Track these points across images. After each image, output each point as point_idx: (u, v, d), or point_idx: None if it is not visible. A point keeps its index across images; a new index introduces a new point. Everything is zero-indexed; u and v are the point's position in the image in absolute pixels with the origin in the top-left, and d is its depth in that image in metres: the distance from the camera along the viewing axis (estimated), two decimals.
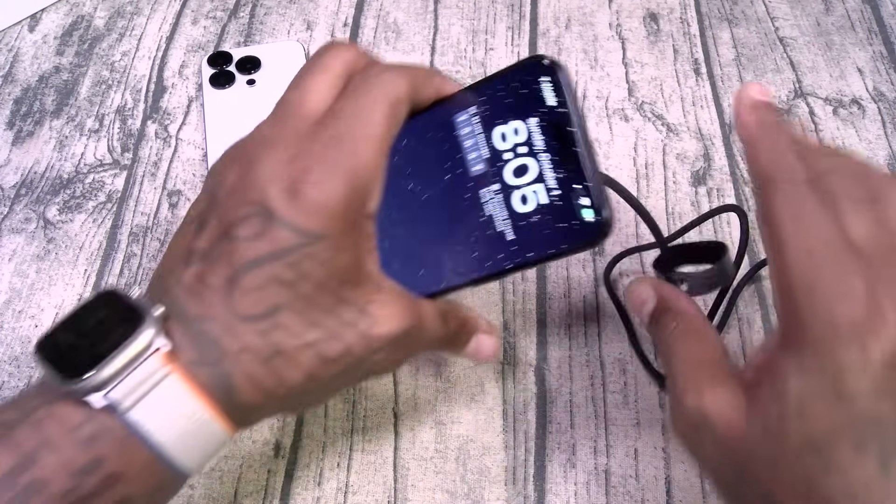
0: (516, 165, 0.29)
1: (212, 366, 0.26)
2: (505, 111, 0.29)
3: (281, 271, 0.26)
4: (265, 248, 0.26)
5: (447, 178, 0.30)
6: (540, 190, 0.29)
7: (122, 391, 0.24)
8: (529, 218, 0.29)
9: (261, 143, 0.28)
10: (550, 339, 0.41)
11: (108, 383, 0.24)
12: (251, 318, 0.26)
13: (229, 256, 0.26)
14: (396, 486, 0.36)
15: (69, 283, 0.43)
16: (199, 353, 0.26)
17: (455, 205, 0.30)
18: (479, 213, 0.30)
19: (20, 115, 0.51)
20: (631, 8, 0.56)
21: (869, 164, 0.26)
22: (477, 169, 0.30)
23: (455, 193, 0.30)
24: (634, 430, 0.38)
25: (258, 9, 0.56)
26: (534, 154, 0.29)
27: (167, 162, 0.48)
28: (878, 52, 0.53)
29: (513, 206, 0.29)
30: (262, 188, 0.26)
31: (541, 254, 0.29)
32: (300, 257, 0.26)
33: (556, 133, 0.28)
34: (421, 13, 0.56)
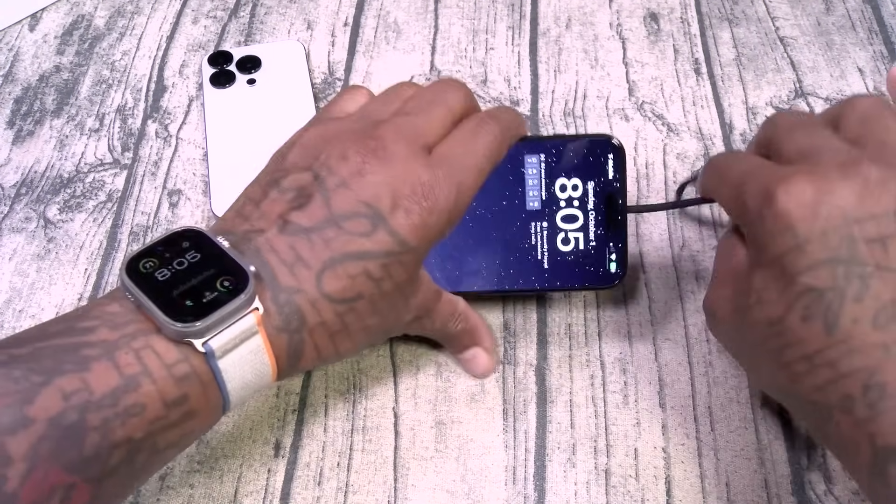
0: (567, 213, 0.38)
1: (291, 333, 0.29)
2: (571, 168, 0.37)
3: (373, 269, 0.30)
4: (367, 246, 0.30)
5: (505, 203, 0.38)
6: (581, 237, 0.38)
7: (220, 342, 0.27)
8: (566, 256, 0.38)
9: (382, 153, 0.31)
10: (550, 339, 0.41)
11: (208, 331, 0.27)
12: (337, 300, 0.30)
13: (332, 242, 0.30)
14: (396, 486, 0.36)
15: (69, 283, 0.43)
16: (283, 321, 0.29)
17: (506, 227, 0.38)
18: (526, 239, 0.38)
19: (20, 114, 0.51)
20: (631, 8, 0.56)
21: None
22: (533, 205, 0.38)
23: (508, 218, 0.38)
24: (634, 430, 0.38)
25: (258, 8, 0.56)
26: (584, 209, 0.37)
27: (167, 161, 0.48)
28: (878, 52, 0.53)
29: (556, 243, 0.38)
30: (378, 195, 0.30)
31: (565, 285, 0.38)
32: (393, 261, 0.31)
33: (607, 199, 0.37)
34: (421, 13, 0.56)
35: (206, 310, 0.27)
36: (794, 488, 0.36)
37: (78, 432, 0.24)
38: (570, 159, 0.37)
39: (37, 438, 0.24)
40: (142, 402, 0.26)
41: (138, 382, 0.26)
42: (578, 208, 0.37)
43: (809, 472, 0.36)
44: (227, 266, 0.28)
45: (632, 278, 0.43)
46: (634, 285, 0.42)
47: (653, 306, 0.42)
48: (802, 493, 0.36)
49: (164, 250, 0.29)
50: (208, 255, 0.28)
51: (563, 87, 0.51)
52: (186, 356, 0.27)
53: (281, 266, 0.29)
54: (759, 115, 0.50)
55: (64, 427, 0.24)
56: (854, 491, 0.36)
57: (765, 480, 0.36)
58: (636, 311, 0.41)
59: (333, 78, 0.52)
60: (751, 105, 0.50)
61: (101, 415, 0.25)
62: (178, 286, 0.27)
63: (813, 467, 0.36)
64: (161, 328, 0.27)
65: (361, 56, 0.53)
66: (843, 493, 0.36)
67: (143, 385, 0.26)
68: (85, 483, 0.25)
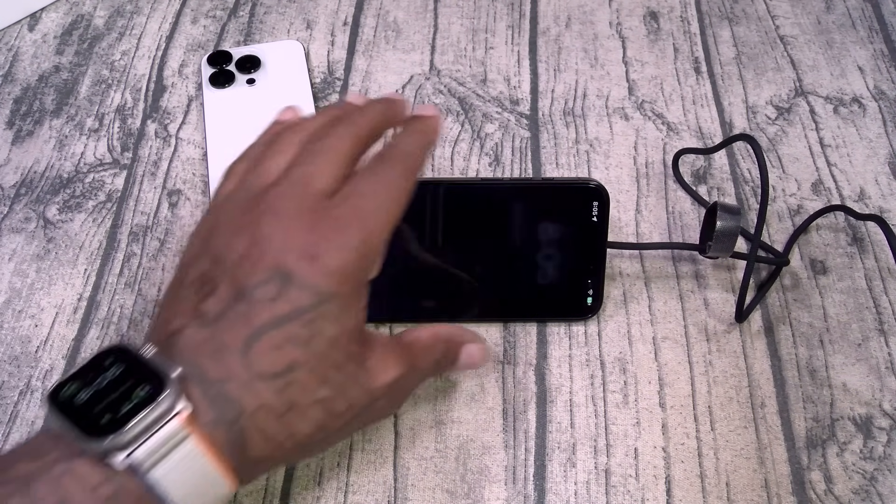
0: (549, 252, 0.39)
1: (229, 424, 0.27)
2: (556, 212, 0.39)
3: (298, 330, 0.28)
4: (283, 309, 0.28)
5: (488, 241, 0.39)
6: (561, 274, 0.40)
7: (144, 452, 0.25)
8: (545, 289, 0.40)
9: (273, 215, 0.30)
10: (550, 339, 0.41)
11: (130, 444, 0.25)
12: (270, 377, 0.28)
13: (247, 318, 0.28)
14: (396, 486, 0.36)
15: (69, 283, 0.43)
16: (218, 414, 0.27)
17: (487, 262, 0.39)
18: (506, 275, 0.40)
19: (20, 114, 0.51)
20: (631, 6, 0.56)
21: None
22: (515, 244, 0.39)
23: (490, 254, 0.39)
24: (634, 430, 0.38)
25: (258, 8, 0.56)
26: (563, 249, 0.39)
27: (167, 161, 0.48)
28: (878, 51, 0.53)
29: (536, 277, 0.40)
30: (280, 254, 0.29)
31: (544, 316, 0.41)
32: (315, 316, 0.28)
33: (588, 242, 0.39)
34: (421, 12, 0.56)
35: (122, 422, 0.25)
36: (794, 488, 0.36)
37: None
38: (555, 203, 0.39)
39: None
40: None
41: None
42: (558, 249, 0.39)
43: (809, 472, 0.36)
44: (146, 375, 0.26)
45: (632, 278, 0.43)
46: (634, 284, 0.42)
47: (653, 306, 0.42)
48: (802, 493, 0.36)
49: (87, 372, 0.27)
50: (130, 368, 0.27)
51: (562, 86, 0.51)
52: (111, 476, 0.25)
53: (206, 360, 0.27)
54: (759, 113, 0.50)
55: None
56: (854, 490, 0.36)
57: (765, 480, 0.36)
58: (636, 311, 0.41)
59: (333, 77, 0.52)
60: (751, 104, 0.50)
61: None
62: (98, 404, 0.26)
63: (813, 467, 0.36)
64: (82, 450, 0.25)
65: (361, 55, 0.53)
66: (844, 492, 0.36)
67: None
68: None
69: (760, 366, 0.40)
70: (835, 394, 0.39)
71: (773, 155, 0.48)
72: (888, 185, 0.46)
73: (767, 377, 0.39)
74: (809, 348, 0.40)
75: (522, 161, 0.47)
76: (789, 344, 0.40)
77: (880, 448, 0.37)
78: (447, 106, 0.50)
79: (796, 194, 0.46)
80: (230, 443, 0.27)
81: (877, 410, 0.38)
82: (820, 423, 0.38)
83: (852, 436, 0.37)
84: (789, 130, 0.49)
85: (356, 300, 0.30)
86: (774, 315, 0.41)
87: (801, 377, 0.39)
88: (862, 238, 0.44)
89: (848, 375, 0.39)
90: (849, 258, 0.43)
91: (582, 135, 0.49)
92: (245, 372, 0.27)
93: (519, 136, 0.49)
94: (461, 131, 0.49)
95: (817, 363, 0.40)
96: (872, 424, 0.38)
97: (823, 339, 0.41)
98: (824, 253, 0.44)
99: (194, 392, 0.27)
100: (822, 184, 0.46)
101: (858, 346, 0.40)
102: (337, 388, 0.29)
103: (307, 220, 0.29)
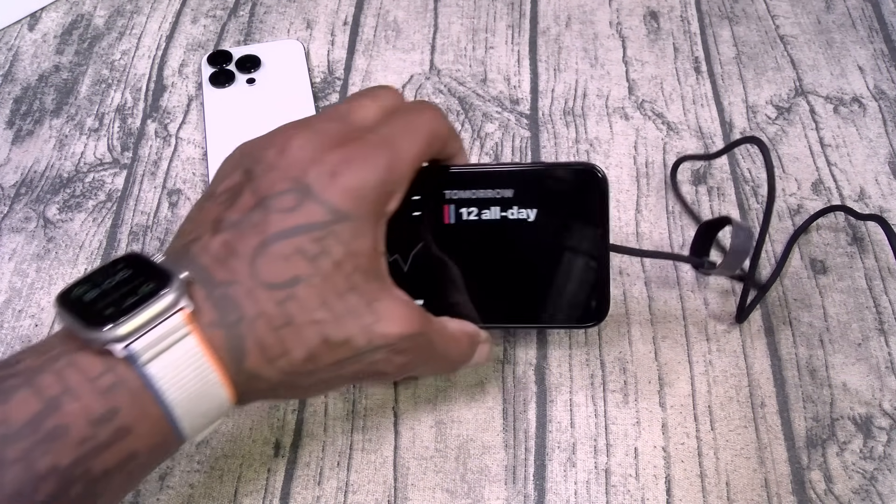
0: (552, 249, 0.34)
1: (228, 328, 0.27)
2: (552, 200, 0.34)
3: (307, 245, 0.28)
4: (297, 221, 0.28)
5: (490, 238, 0.35)
6: (564, 275, 0.35)
7: (143, 344, 0.25)
8: (549, 293, 0.35)
9: (308, 132, 0.30)
10: (550, 339, 0.41)
11: (129, 336, 0.25)
12: (272, 286, 0.28)
13: (261, 226, 0.28)
14: (396, 486, 0.36)
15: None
16: (219, 315, 0.27)
17: (488, 261, 0.35)
18: (508, 275, 0.35)
19: (20, 114, 0.51)
20: (631, 6, 0.56)
21: None
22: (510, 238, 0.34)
23: (492, 253, 0.35)
24: (634, 430, 0.38)
25: (258, 7, 0.56)
26: (567, 247, 0.35)
27: (167, 161, 0.48)
28: (878, 50, 0.53)
29: (537, 279, 0.35)
30: (304, 168, 0.29)
31: (548, 322, 0.35)
32: (326, 234, 0.28)
33: (591, 237, 0.34)
34: (421, 12, 0.56)
35: (124, 312, 0.25)
36: (794, 488, 0.36)
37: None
38: (550, 190, 0.35)
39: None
40: (64, 424, 0.24)
41: (59, 403, 0.24)
42: (563, 248, 0.35)
43: (809, 471, 0.36)
44: (152, 275, 0.27)
45: (632, 277, 0.43)
46: (634, 284, 0.42)
47: (652, 306, 0.42)
48: (802, 493, 0.36)
49: (98, 276, 0.28)
50: (138, 271, 0.27)
51: (562, 85, 0.51)
52: (111, 366, 0.25)
53: (214, 263, 0.28)
54: (759, 113, 0.50)
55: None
56: (854, 490, 0.36)
57: (765, 480, 0.36)
58: (636, 311, 0.41)
59: (333, 77, 0.52)
60: (751, 103, 0.50)
61: (20, 446, 0.23)
62: (104, 300, 0.26)
63: (813, 467, 0.36)
64: (85, 343, 0.25)
65: (361, 55, 0.53)
66: (844, 492, 0.36)
67: (65, 405, 0.24)
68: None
69: (760, 366, 0.40)
70: (835, 393, 0.39)
71: (773, 155, 0.48)
72: (888, 185, 0.46)
73: (767, 377, 0.39)
74: (809, 348, 0.40)
75: (522, 161, 0.47)
76: (789, 344, 0.40)
77: (880, 448, 0.37)
78: (447, 105, 0.50)
79: (796, 194, 0.46)
80: (228, 349, 0.27)
81: (877, 410, 0.38)
82: (820, 422, 0.38)
83: (852, 435, 0.37)
84: (789, 130, 0.49)
85: (370, 227, 0.29)
86: (774, 315, 0.41)
87: (801, 377, 0.39)
88: (862, 238, 0.44)
89: (848, 375, 0.39)
90: (849, 258, 0.43)
91: (582, 134, 0.49)
92: (250, 278, 0.28)
93: (519, 135, 0.49)
94: (461, 131, 0.49)
95: (817, 363, 0.40)
96: (872, 424, 0.38)
97: (823, 338, 0.41)
98: (824, 253, 0.44)
99: (199, 294, 0.27)
100: (822, 183, 0.46)
101: (858, 345, 0.40)
102: (335, 314, 0.29)
103: (337, 140, 0.30)
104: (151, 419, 0.26)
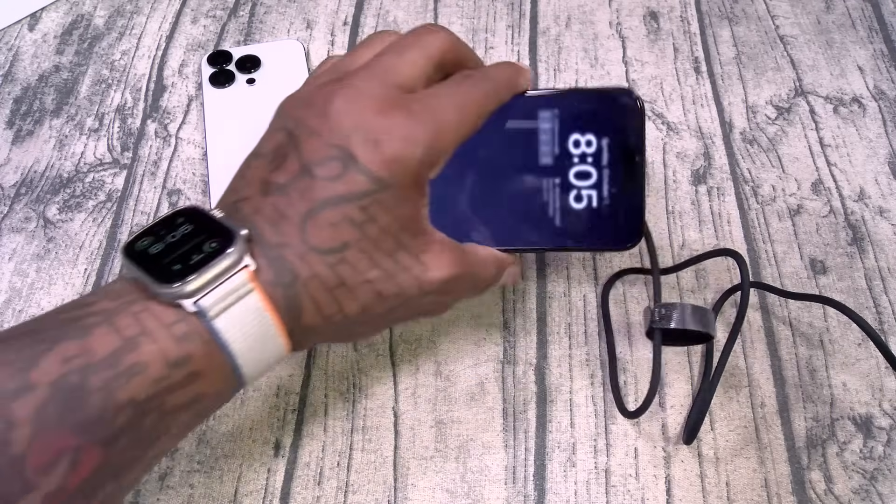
0: (581, 170, 0.34)
1: (285, 287, 0.29)
2: (586, 123, 0.34)
3: (353, 213, 0.29)
4: (341, 190, 0.29)
5: (516, 160, 0.34)
6: (594, 195, 0.34)
7: (211, 300, 0.27)
8: (578, 214, 0.35)
9: (348, 93, 0.30)
10: (550, 338, 0.41)
11: (198, 292, 0.27)
12: (323, 251, 0.29)
13: (308, 192, 0.29)
14: (396, 486, 0.36)
15: (69, 283, 0.43)
16: (276, 275, 0.29)
17: (517, 184, 0.35)
18: (536, 196, 0.35)
19: (20, 114, 0.51)
20: (631, 6, 0.56)
21: None
22: (545, 161, 0.34)
23: (519, 175, 0.35)
24: (634, 430, 0.38)
25: (258, 7, 0.56)
26: (598, 166, 0.34)
27: (167, 161, 0.48)
28: (878, 51, 0.53)
29: (568, 200, 0.34)
30: (348, 135, 0.29)
31: (577, 244, 0.35)
32: (371, 202, 0.29)
33: (623, 156, 0.34)
34: (421, 11, 0.56)
35: (193, 269, 0.27)
36: (794, 488, 0.36)
37: (80, 394, 0.25)
38: (584, 113, 0.34)
39: (40, 402, 0.24)
40: (143, 362, 0.26)
41: (138, 343, 0.26)
42: (592, 164, 0.34)
43: (809, 471, 0.36)
44: (215, 231, 0.28)
45: (632, 277, 0.43)
46: (634, 284, 0.42)
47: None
48: (802, 493, 0.36)
49: (160, 228, 0.29)
50: (200, 227, 0.29)
51: (562, 85, 0.51)
52: (184, 317, 0.27)
53: (266, 225, 0.29)
54: (758, 113, 0.50)
55: (66, 390, 0.25)
56: (854, 490, 0.36)
57: (765, 480, 0.36)
58: (636, 311, 0.41)
59: None
60: (751, 104, 0.50)
61: (102, 376, 0.25)
62: (170, 255, 0.28)
63: (813, 467, 0.36)
64: (155, 295, 0.27)
65: None
66: (844, 492, 0.36)
67: (143, 345, 0.26)
68: (93, 446, 0.25)
69: (760, 366, 0.40)
70: (835, 394, 0.39)
71: (773, 155, 0.48)
72: (888, 185, 0.46)
73: (767, 377, 0.39)
74: (809, 348, 0.40)
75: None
76: (789, 344, 0.40)
77: (880, 448, 0.37)
78: None
79: (796, 194, 0.46)
80: (286, 306, 0.29)
81: (877, 410, 0.38)
82: (820, 422, 0.38)
83: (852, 436, 0.37)
84: (789, 130, 0.49)
85: (414, 193, 0.30)
86: (774, 315, 0.41)
87: (801, 377, 0.39)
88: (862, 238, 0.44)
89: (848, 375, 0.39)
90: (849, 258, 0.43)
91: None
92: (301, 243, 0.29)
93: None
94: None
95: (817, 363, 0.40)
96: (872, 424, 0.38)
97: (823, 338, 0.41)
98: (824, 253, 0.44)
99: (257, 253, 0.29)
100: (822, 183, 0.46)
101: (858, 345, 0.40)
102: (387, 273, 0.30)
103: (380, 106, 0.30)
104: (217, 367, 0.28)
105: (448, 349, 0.40)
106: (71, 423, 0.24)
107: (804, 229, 0.44)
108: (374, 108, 0.30)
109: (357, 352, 0.40)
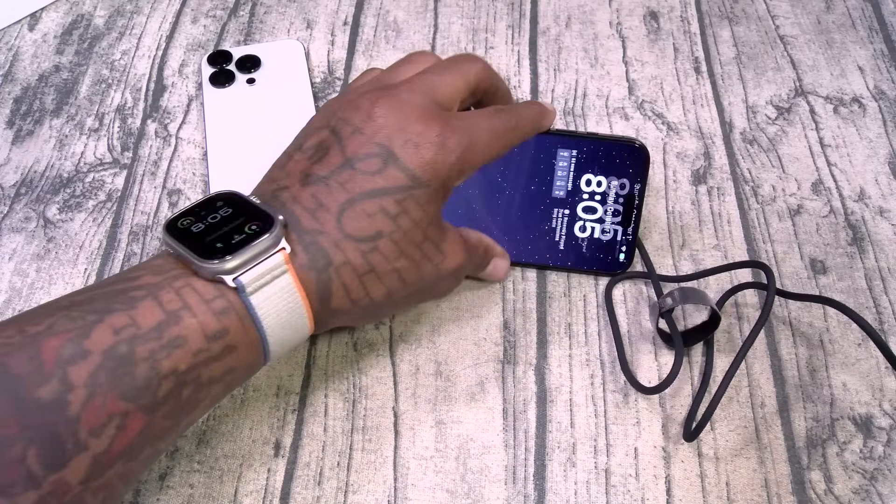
0: (588, 205, 0.42)
1: (319, 271, 0.31)
2: (599, 166, 0.41)
3: (389, 205, 0.32)
4: (380, 183, 0.32)
5: (532, 188, 0.42)
6: (597, 227, 0.42)
7: (249, 277, 0.29)
8: (581, 241, 0.42)
9: (393, 101, 0.34)
10: (550, 338, 0.41)
11: (238, 269, 0.29)
12: (358, 239, 0.32)
13: (348, 184, 0.32)
14: (396, 486, 0.36)
15: (69, 283, 0.43)
16: (310, 260, 0.31)
17: (530, 208, 0.42)
18: (546, 222, 0.42)
19: (20, 114, 0.51)
20: (631, 6, 0.56)
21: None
22: (558, 194, 0.42)
23: (533, 200, 0.42)
24: (634, 430, 0.38)
25: (258, 7, 0.56)
26: (604, 203, 0.42)
27: (167, 161, 0.48)
28: (878, 51, 0.53)
29: (573, 229, 0.42)
30: (390, 136, 0.33)
31: (576, 266, 0.42)
32: (406, 196, 0.32)
33: (626, 199, 0.41)
34: (421, 12, 0.56)
35: (234, 248, 0.29)
36: (794, 488, 0.36)
37: (129, 363, 0.27)
38: (598, 157, 0.41)
39: (94, 368, 0.26)
40: (184, 335, 0.28)
41: (179, 316, 0.28)
42: (599, 202, 0.41)
43: (809, 471, 0.36)
44: (255, 215, 0.31)
45: (631, 276, 0.43)
46: (634, 284, 0.42)
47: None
48: (802, 493, 0.36)
49: (200, 209, 0.31)
50: (239, 210, 0.31)
51: (562, 85, 0.51)
52: (223, 292, 0.29)
53: (304, 213, 0.32)
54: (759, 113, 0.50)
55: (117, 358, 0.27)
56: (854, 490, 0.36)
57: (765, 480, 0.36)
58: (636, 310, 0.41)
59: (333, 77, 0.52)
60: (751, 104, 0.50)
61: (147, 346, 0.27)
62: (211, 234, 0.30)
63: (813, 467, 0.36)
64: (197, 271, 0.29)
65: (361, 55, 0.53)
66: (844, 492, 0.36)
67: (185, 318, 0.28)
68: (139, 412, 0.27)
69: (760, 365, 0.40)
70: (835, 394, 0.39)
71: (773, 155, 0.48)
72: (888, 185, 0.46)
73: (767, 377, 0.39)
74: (809, 348, 0.40)
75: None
76: (789, 344, 0.40)
77: (880, 448, 0.37)
78: None
79: (796, 194, 0.46)
80: (318, 289, 0.31)
81: (877, 410, 0.38)
82: (820, 422, 0.38)
83: (852, 435, 0.37)
84: (789, 130, 0.49)
85: (441, 194, 0.34)
86: (775, 315, 0.41)
87: (801, 377, 0.39)
88: (862, 238, 0.44)
89: (848, 375, 0.39)
90: (849, 258, 0.43)
91: None
92: (337, 230, 0.31)
93: None
94: None
95: (817, 363, 0.40)
96: (872, 424, 0.38)
97: (823, 338, 0.41)
98: (824, 253, 0.44)
99: (292, 238, 0.31)
100: (822, 184, 0.46)
101: (858, 345, 0.40)
102: (413, 261, 0.33)
103: (421, 115, 0.33)
104: (250, 341, 0.30)
105: (448, 349, 0.40)
106: (120, 390, 0.26)
107: (804, 229, 0.44)
108: (416, 117, 0.33)
109: (357, 352, 0.40)
